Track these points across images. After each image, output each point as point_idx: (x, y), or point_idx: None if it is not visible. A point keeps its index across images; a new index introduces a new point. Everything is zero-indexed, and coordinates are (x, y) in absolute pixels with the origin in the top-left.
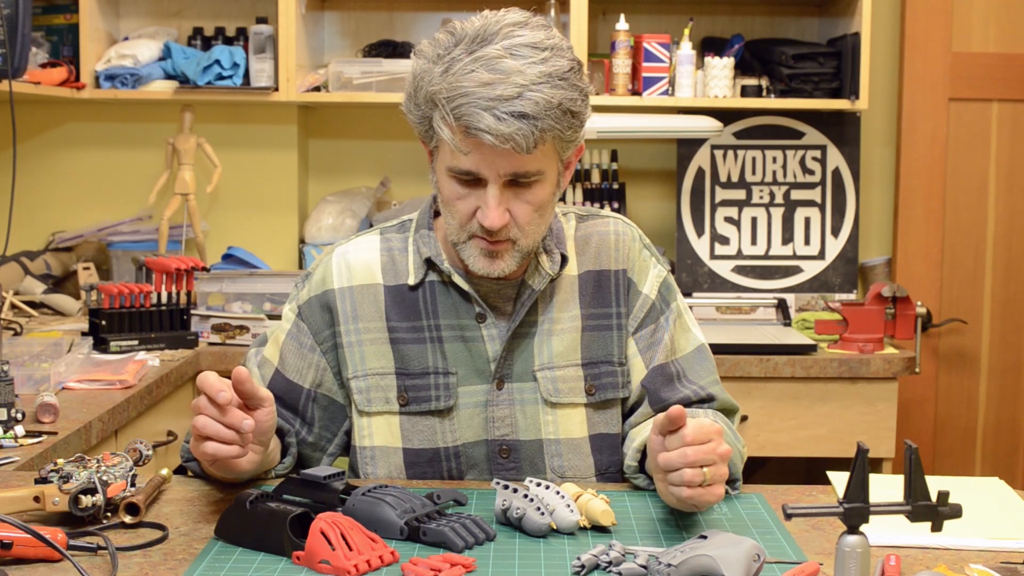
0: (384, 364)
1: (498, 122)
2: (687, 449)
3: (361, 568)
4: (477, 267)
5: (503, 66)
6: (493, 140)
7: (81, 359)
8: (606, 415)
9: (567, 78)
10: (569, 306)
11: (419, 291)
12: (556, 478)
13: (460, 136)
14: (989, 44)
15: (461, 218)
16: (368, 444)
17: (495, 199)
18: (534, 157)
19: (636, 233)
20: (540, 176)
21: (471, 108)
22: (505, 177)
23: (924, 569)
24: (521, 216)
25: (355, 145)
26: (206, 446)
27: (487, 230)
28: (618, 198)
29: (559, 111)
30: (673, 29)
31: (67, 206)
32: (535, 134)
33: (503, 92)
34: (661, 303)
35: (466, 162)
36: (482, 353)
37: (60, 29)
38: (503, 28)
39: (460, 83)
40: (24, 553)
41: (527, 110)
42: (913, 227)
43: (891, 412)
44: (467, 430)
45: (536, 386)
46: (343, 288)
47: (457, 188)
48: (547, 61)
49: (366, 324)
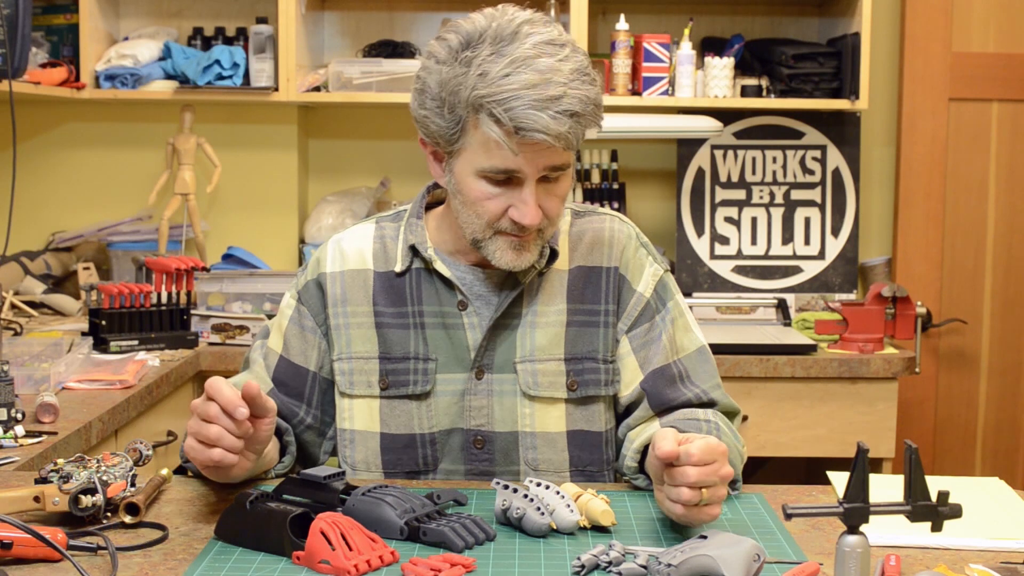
0: (368, 348)
1: (554, 122)
2: (690, 469)
3: (361, 568)
4: (504, 261)
5: (540, 65)
6: (548, 139)
7: (81, 359)
8: (587, 412)
9: (589, 73)
10: (555, 300)
11: (405, 277)
12: (529, 471)
13: (511, 136)
14: (989, 44)
15: (491, 217)
16: (348, 427)
17: (533, 196)
18: (569, 150)
19: (632, 231)
20: (567, 169)
21: (526, 110)
22: (541, 173)
23: (924, 569)
24: (551, 210)
25: (355, 145)
26: (213, 452)
27: (521, 227)
28: (618, 198)
29: (594, 106)
30: (673, 29)
31: (67, 206)
32: (581, 129)
33: (552, 92)
34: (657, 302)
35: (509, 161)
36: (462, 341)
37: (60, 29)
38: (519, 26)
39: (508, 85)
40: (24, 553)
41: (576, 108)
42: (913, 227)
43: (891, 412)
44: (443, 417)
45: (515, 378)
46: (335, 272)
47: (488, 188)
48: (570, 58)
49: (354, 308)
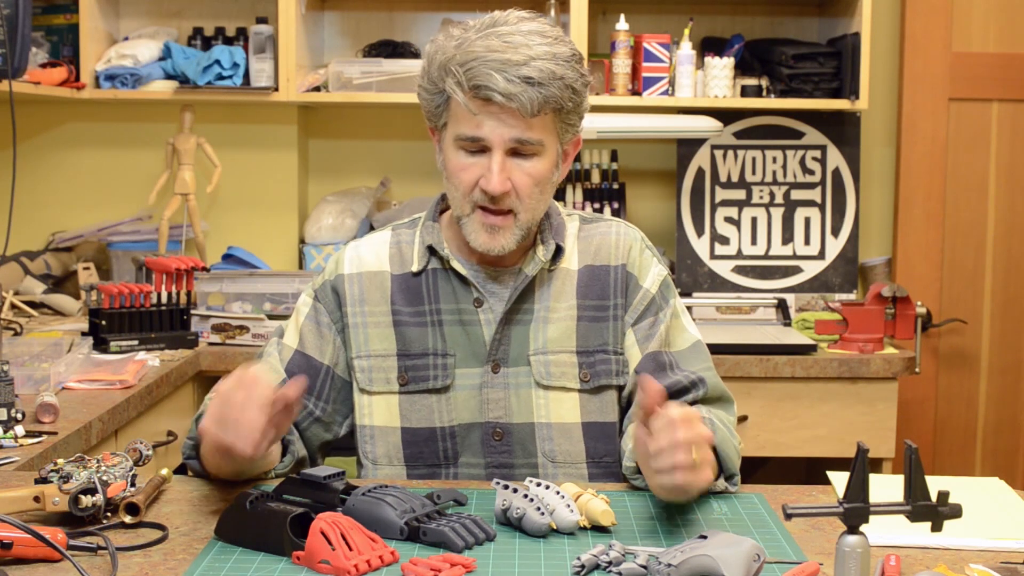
0: (387, 346)
1: (507, 83)
2: (677, 430)
3: (361, 568)
4: (479, 242)
5: (513, 40)
6: (501, 99)
7: (81, 359)
8: (601, 402)
9: (570, 61)
10: (566, 296)
11: (422, 277)
12: (548, 463)
13: (470, 97)
14: (989, 44)
15: (465, 188)
16: (368, 423)
17: (498, 164)
18: (537, 125)
19: (638, 235)
20: (540, 147)
21: (482, 69)
22: (509, 143)
23: (924, 569)
24: (522, 186)
25: (355, 145)
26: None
27: (490, 196)
28: (618, 198)
29: (562, 83)
30: (673, 29)
31: (67, 206)
32: (539, 98)
33: (512, 57)
34: (661, 299)
35: (473, 126)
36: (479, 336)
37: (60, 29)
38: (512, 18)
39: (472, 49)
40: (24, 553)
41: (533, 75)
42: (913, 227)
43: (891, 412)
44: (463, 411)
45: (530, 370)
46: (352, 274)
47: (463, 158)
48: (552, 45)
49: (372, 308)
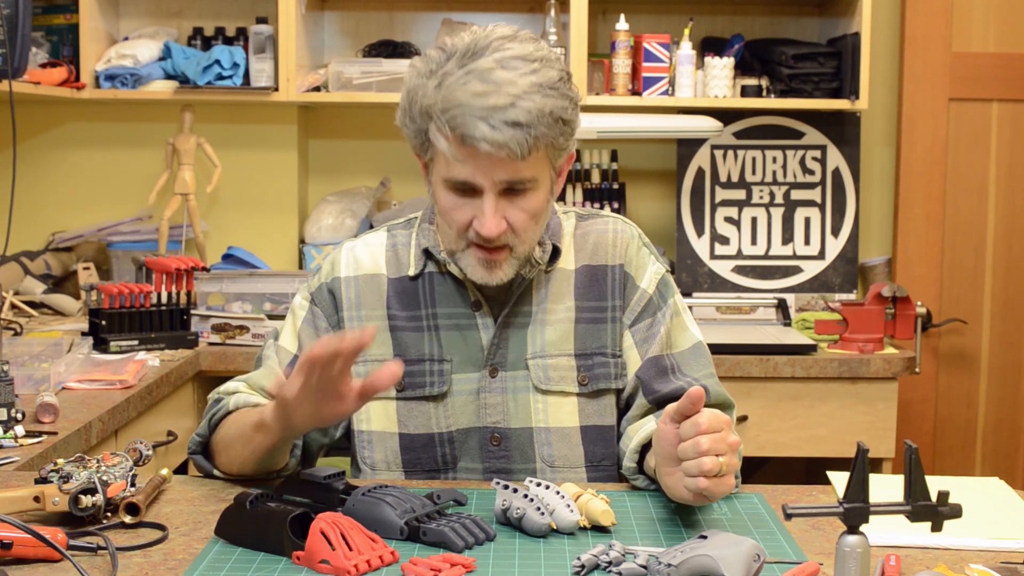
0: (383, 351)
1: (492, 131)
2: (702, 438)
3: (361, 568)
4: (476, 276)
5: (495, 77)
6: (488, 148)
7: (81, 359)
8: (599, 405)
9: (557, 87)
10: (563, 298)
11: (419, 281)
12: (546, 467)
13: (456, 146)
14: (989, 44)
15: (458, 228)
16: (365, 428)
17: (491, 207)
18: (528, 164)
19: (635, 232)
20: (534, 183)
21: (466, 118)
22: (501, 185)
23: (924, 569)
24: (517, 223)
25: (355, 145)
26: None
27: (484, 238)
28: (618, 198)
29: (551, 119)
30: (673, 29)
31: (67, 206)
32: (528, 141)
33: (496, 102)
34: (659, 299)
35: (462, 171)
36: (476, 341)
37: (60, 29)
38: (493, 41)
39: (453, 94)
40: (24, 553)
41: (520, 118)
42: (913, 227)
43: (891, 412)
44: (461, 416)
45: (528, 374)
46: (349, 277)
47: (453, 198)
48: (537, 72)
49: (368, 312)
